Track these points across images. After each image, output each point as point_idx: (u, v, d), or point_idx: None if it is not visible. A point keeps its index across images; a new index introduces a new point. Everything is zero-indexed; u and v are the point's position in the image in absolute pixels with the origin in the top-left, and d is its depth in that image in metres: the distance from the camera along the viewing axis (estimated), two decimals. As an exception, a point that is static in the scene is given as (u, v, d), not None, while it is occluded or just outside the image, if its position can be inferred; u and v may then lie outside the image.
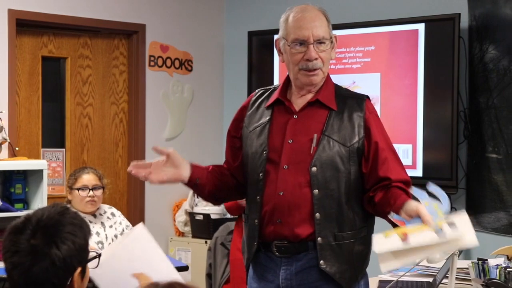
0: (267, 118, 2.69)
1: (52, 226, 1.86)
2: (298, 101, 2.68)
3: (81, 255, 1.89)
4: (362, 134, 2.59)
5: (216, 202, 2.92)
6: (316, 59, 2.60)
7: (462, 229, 2.33)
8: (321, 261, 2.56)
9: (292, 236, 2.58)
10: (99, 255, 2.00)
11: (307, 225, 2.56)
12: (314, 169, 2.56)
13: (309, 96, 2.67)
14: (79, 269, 1.88)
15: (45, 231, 1.85)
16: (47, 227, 1.86)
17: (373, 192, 2.59)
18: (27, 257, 1.83)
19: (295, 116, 2.65)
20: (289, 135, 2.63)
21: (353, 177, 2.57)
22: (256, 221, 2.64)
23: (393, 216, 2.52)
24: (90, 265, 1.97)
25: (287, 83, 2.73)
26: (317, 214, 2.54)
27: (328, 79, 2.70)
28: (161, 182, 2.67)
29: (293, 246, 2.59)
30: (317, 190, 2.54)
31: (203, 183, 2.72)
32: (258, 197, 2.64)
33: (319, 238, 2.55)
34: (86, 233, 1.92)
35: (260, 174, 2.64)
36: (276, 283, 2.64)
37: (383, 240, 2.36)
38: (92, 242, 4.34)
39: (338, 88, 2.72)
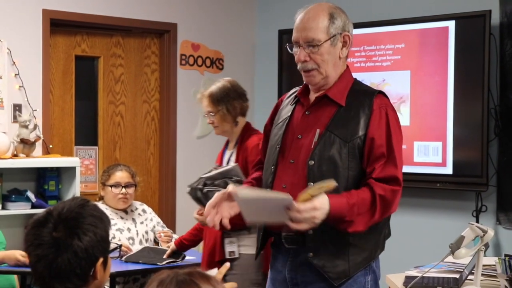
0: (289, 114, 2.76)
1: (73, 218, 1.92)
2: (313, 97, 2.72)
3: (102, 246, 1.94)
4: (365, 131, 2.58)
5: None
6: (305, 61, 2.63)
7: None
8: (310, 253, 2.58)
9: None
10: (119, 246, 2.05)
11: None
12: (311, 162, 2.59)
13: (321, 93, 2.70)
14: (101, 259, 1.93)
15: (67, 224, 1.91)
16: (68, 220, 1.91)
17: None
18: (50, 249, 1.88)
19: (307, 112, 2.70)
20: (299, 130, 2.69)
21: (352, 173, 2.57)
22: None
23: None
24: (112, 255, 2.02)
25: None
26: None
27: (345, 75, 2.70)
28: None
29: (299, 238, 2.62)
30: (312, 183, 2.56)
31: None
32: (268, 189, 2.71)
33: (310, 231, 2.55)
34: (107, 224, 1.98)
35: (272, 167, 2.71)
36: (284, 273, 2.69)
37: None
38: (123, 238, 4.40)
39: (356, 84, 2.72)
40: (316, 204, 2.44)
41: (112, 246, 2.05)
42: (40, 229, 1.91)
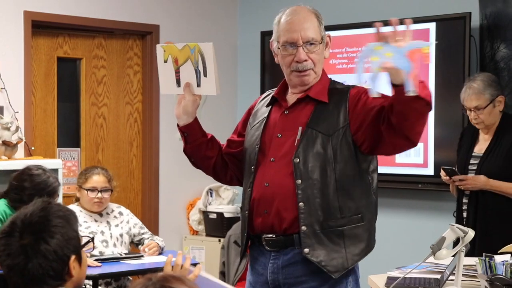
0: (265, 115, 2.80)
1: (38, 222, 1.94)
2: (291, 98, 2.77)
3: (72, 244, 1.96)
4: (346, 122, 2.63)
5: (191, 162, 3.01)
6: (306, 60, 2.67)
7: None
8: (306, 249, 2.61)
9: (278, 225, 2.65)
10: (92, 239, 2.09)
11: (291, 215, 2.63)
12: (296, 160, 2.64)
13: (302, 94, 2.74)
14: (73, 257, 1.95)
15: (32, 230, 1.93)
16: (33, 225, 1.93)
17: (383, 121, 2.51)
18: (19, 257, 1.91)
19: (285, 112, 2.74)
20: (279, 129, 2.73)
21: (339, 165, 2.62)
22: (246, 212, 2.75)
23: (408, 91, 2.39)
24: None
25: (285, 82, 2.81)
26: (301, 204, 2.60)
27: (322, 76, 2.76)
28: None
29: (280, 240, 2.66)
30: (300, 180, 2.62)
31: (189, 140, 2.87)
32: (249, 189, 2.74)
33: (303, 227, 2.60)
34: (74, 221, 2.00)
35: (252, 167, 2.75)
36: (265, 276, 2.72)
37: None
38: (97, 241, 4.40)
39: (332, 84, 2.77)
40: None
41: (85, 239, 2.06)
42: (8, 239, 1.94)
